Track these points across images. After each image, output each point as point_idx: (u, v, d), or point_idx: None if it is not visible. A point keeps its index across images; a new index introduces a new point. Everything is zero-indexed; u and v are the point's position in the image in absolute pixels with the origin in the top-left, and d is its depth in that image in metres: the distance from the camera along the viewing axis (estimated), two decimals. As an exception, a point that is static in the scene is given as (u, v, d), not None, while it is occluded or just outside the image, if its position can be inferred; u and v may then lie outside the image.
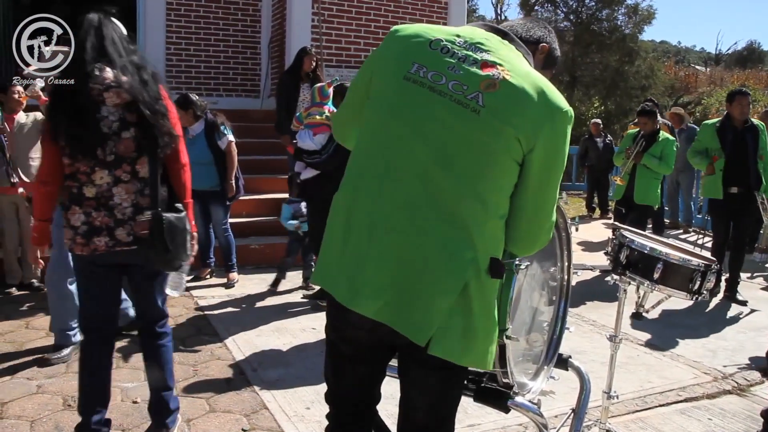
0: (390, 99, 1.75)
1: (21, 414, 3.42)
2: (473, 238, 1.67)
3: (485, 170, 1.67)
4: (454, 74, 1.69)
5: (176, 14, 9.78)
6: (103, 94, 2.74)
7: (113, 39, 2.88)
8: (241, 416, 3.44)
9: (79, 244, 2.81)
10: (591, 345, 4.67)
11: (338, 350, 1.93)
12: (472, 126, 1.65)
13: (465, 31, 1.80)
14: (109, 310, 3.00)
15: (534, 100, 1.66)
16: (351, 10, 9.71)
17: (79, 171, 2.78)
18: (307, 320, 5.08)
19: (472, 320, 1.69)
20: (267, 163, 8.27)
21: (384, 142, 1.75)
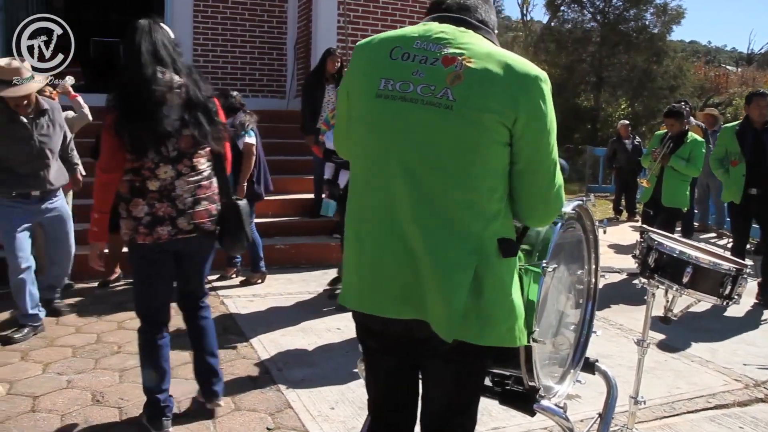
0: (367, 118, 1.79)
1: (52, 408, 3.48)
2: (473, 227, 1.71)
3: (473, 160, 1.69)
4: (419, 78, 1.71)
5: (203, 15, 9.88)
6: (166, 95, 2.99)
7: (164, 43, 3.12)
8: (266, 415, 3.46)
9: (142, 234, 3.05)
10: (617, 349, 4.62)
11: (366, 346, 2.01)
12: (449, 122, 1.67)
13: (421, 29, 1.80)
14: (165, 293, 3.22)
15: (501, 77, 1.67)
16: (377, 11, 9.72)
17: (143, 166, 3.02)
18: (332, 320, 5.09)
19: (484, 301, 1.72)
20: (292, 163, 8.31)
21: (371, 159, 1.80)
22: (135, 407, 3.48)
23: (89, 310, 5.24)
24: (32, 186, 4.57)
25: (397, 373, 2.00)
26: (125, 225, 3.09)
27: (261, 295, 5.83)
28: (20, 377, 3.86)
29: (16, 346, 4.37)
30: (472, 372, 1.89)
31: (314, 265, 6.88)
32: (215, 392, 3.39)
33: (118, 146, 2.99)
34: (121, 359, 4.17)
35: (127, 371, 3.97)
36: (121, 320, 4.97)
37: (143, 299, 3.23)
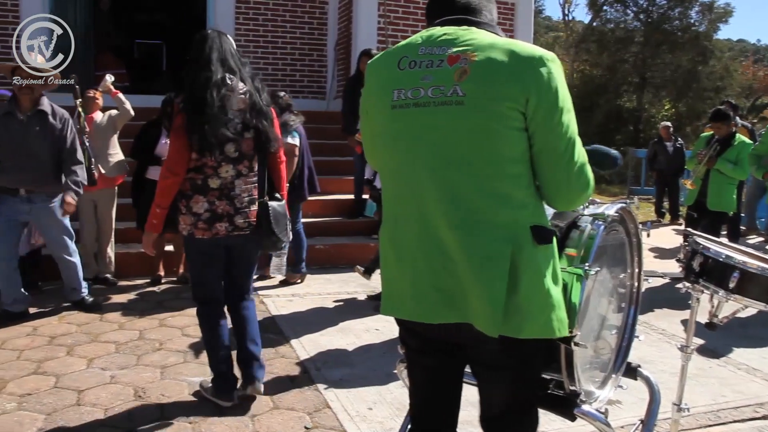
0: (387, 130, 1.84)
1: (96, 402, 3.55)
2: (505, 217, 1.72)
3: (493, 149, 1.70)
4: (428, 82, 1.74)
5: (245, 17, 10.00)
6: (232, 100, 3.24)
7: (231, 52, 3.36)
8: (304, 414, 3.48)
9: (201, 229, 3.29)
10: (660, 354, 4.54)
11: (410, 347, 2.02)
12: (463, 117, 1.69)
13: (425, 36, 1.83)
14: (219, 281, 3.52)
15: (506, 64, 1.68)
16: (417, 12, 9.71)
17: (206, 165, 3.25)
18: (371, 321, 5.10)
19: (521, 292, 1.71)
20: (332, 164, 8.35)
21: (397, 168, 1.84)
22: (176, 404, 3.53)
23: (132, 308, 5.34)
24: (18, 182, 4.68)
25: (441, 376, 2.00)
26: (184, 220, 3.31)
27: (300, 295, 5.87)
28: (66, 371, 3.95)
29: (62, 340, 4.47)
30: (526, 377, 1.88)
31: (354, 265, 6.88)
32: (256, 377, 3.57)
33: (186, 147, 3.20)
34: (162, 356, 4.24)
35: (168, 368, 4.04)
36: (163, 318, 5.05)
37: (200, 285, 3.51)
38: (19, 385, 3.73)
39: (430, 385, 2.02)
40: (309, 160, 6.21)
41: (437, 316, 1.78)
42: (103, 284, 5.93)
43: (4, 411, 3.42)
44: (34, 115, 4.68)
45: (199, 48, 3.29)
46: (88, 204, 5.84)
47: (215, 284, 3.51)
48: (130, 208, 6.16)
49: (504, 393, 1.88)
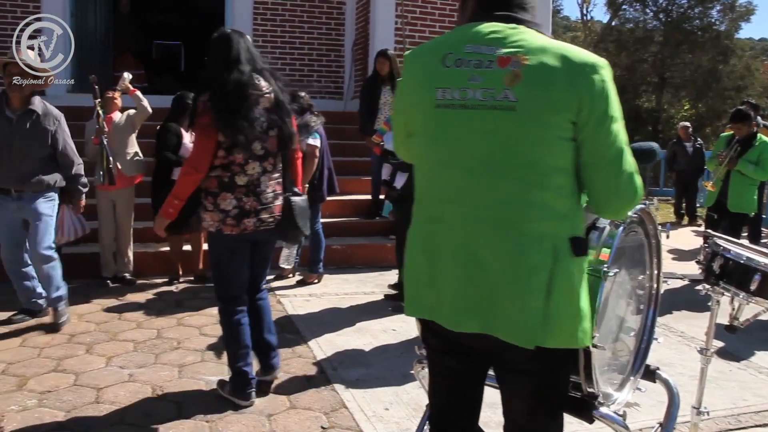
0: (429, 130, 1.78)
1: (114, 400, 3.58)
2: (546, 228, 1.68)
3: (541, 159, 1.66)
4: (477, 83, 1.68)
5: (262, 18, 10.03)
6: (259, 99, 3.34)
7: (254, 52, 3.44)
8: (321, 414, 3.49)
9: (230, 225, 3.37)
10: (679, 357, 4.50)
11: (432, 347, 1.99)
12: (514, 123, 1.64)
13: (470, 32, 1.75)
14: (244, 277, 3.57)
15: (559, 70, 1.63)
16: (434, 12, 9.70)
17: (233, 163, 3.33)
18: (388, 321, 5.10)
19: (553, 302, 1.67)
20: (349, 164, 8.35)
21: (437, 170, 1.78)
22: (193, 402, 3.55)
23: (150, 307, 5.38)
24: (6, 181, 4.57)
25: (463, 378, 1.97)
26: (211, 217, 3.38)
27: (317, 295, 5.88)
28: (85, 369, 3.99)
29: (81, 338, 4.52)
30: (553, 384, 1.84)
31: (371, 265, 6.92)
32: (273, 365, 3.70)
33: (213, 145, 3.28)
34: (180, 355, 4.26)
35: (186, 367, 4.06)
36: (181, 317, 5.08)
37: (223, 282, 3.54)
38: (39, 383, 3.77)
39: (452, 387, 1.99)
40: (329, 161, 6.21)
41: (464, 324, 1.75)
42: (121, 283, 5.98)
43: (25, 407, 3.45)
44: (25, 114, 4.55)
45: (224, 48, 3.35)
46: (106, 203, 5.90)
47: (239, 280, 3.55)
48: (148, 207, 6.20)
49: (529, 399, 1.84)
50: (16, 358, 4.14)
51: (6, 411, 3.40)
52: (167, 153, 5.86)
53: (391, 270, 6.22)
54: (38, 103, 4.61)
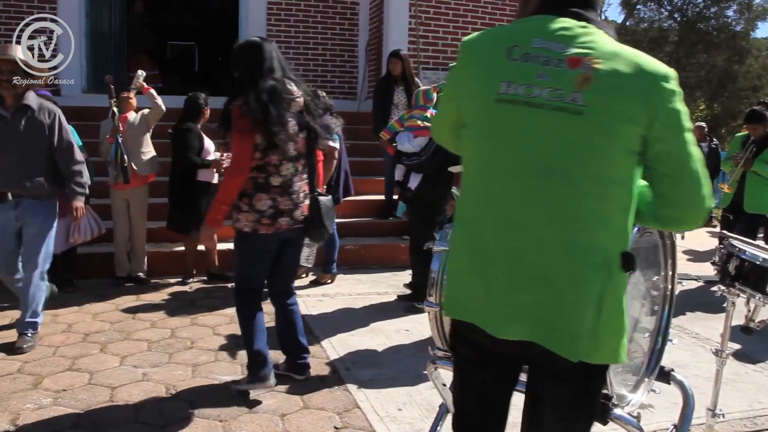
0: (486, 124, 1.69)
1: (128, 399, 3.60)
2: (600, 240, 1.62)
3: (603, 169, 1.60)
4: (545, 81, 1.60)
5: (276, 19, 10.06)
6: (291, 103, 3.50)
7: (281, 58, 3.61)
8: (334, 414, 3.49)
9: (265, 225, 3.52)
10: (694, 359, 4.47)
11: (463, 356, 1.91)
12: (578, 129, 1.58)
13: (538, 25, 1.67)
14: (266, 272, 3.75)
15: (632, 79, 1.57)
16: (448, 12, 9.69)
17: (269, 164, 3.48)
18: (401, 322, 5.10)
19: (601, 317, 1.62)
20: (363, 164, 8.36)
21: (491, 167, 1.70)
22: (207, 402, 3.56)
23: (164, 306, 5.40)
24: (4, 185, 4.22)
25: (493, 389, 1.89)
26: (245, 217, 3.51)
27: (331, 295, 5.89)
28: (100, 368, 4.01)
29: (96, 338, 4.54)
30: (590, 391, 1.77)
31: (384, 266, 6.92)
32: (307, 365, 3.90)
33: (252, 148, 3.41)
34: (193, 354, 4.28)
35: (199, 366, 4.08)
36: (194, 317, 5.10)
37: (248, 278, 3.70)
38: (54, 381, 3.80)
39: (482, 399, 1.91)
40: (345, 164, 6.22)
41: (509, 331, 1.68)
42: (135, 283, 6.01)
43: (41, 406, 3.48)
44: (19, 110, 4.20)
45: (257, 56, 3.49)
46: (121, 202, 5.94)
47: (263, 276, 3.75)
48: (162, 207, 6.24)
49: (566, 407, 1.75)
50: (31, 357, 4.18)
51: (22, 409, 3.43)
52: (191, 155, 5.84)
53: (404, 270, 6.21)
54: (33, 99, 4.29)
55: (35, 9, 9.14)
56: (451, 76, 1.84)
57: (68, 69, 9.12)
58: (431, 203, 5.30)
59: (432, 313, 2.53)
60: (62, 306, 5.23)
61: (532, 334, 1.65)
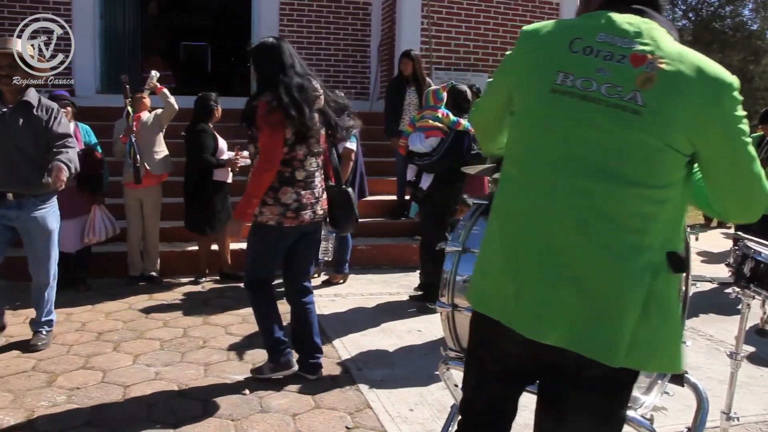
0: (540, 116, 1.65)
1: (141, 397, 3.62)
2: (647, 241, 1.57)
3: (656, 170, 1.55)
4: (604, 76, 1.56)
5: (289, 19, 10.08)
6: (315, 100, 3.61)
7: (298, 56, 3.72)
8: (345, 414, 3.49)
9: (290, 218, 3.62)
10: (707, 361, 4.44)
11: (482, 364, 1.86)
12: (634, 128, 1.53)
13: (603, 20, 1.63)
14: (277, 267, 3.87)
15: (696, 84, 1.52)
16: (460, 12, 9.68)
17: (295, 158, 3.59)
18: (413, 322, 5.09)
19: (652, 322, 1.57)
20: (375, 165, 8.34)
21: (537, 159, 1.66)
22: (219, 401, 3.58)
23: (176, 306, 5.43)
24: (4, 184, 4.04)
25: (505, 390, 1.86)
26: (270, 210, 3.59)
27: (342, 295, 5.89)
28: (113, 367, 4.03)
29: (109, 336, 4.57)
30: (620, 401, 1.70)
31: (396, 266, 6.92)
32: (319, 365, 3.95)
33: (282, 142, 3.52)
34: (205, 354, 4.29)
35: (212, 366, 4.09)
36: (207, 316, 5.11)
37: (262, 271, 3.80)
38: (68, 379, 3.83)
39: (494, 398, 1.87)
40: (361, 165, 6.21)
41: (539, 332, 1.63)
42: (148, 282, 6.04)
43: (55, 403, 3.50)
44: (18, 106, 4.07)
45: (277, 54, 3.59)
46: (134, 202, 5.97)
47: (275, 269, 3.86)
48: (175, 207, 6.27)
49: (594, 417, 1.68)
50: (45, 355, 4.21)
51: (36, 406, 3.46)
52: (207, 155, 5.87)
53: (416, 271, 6.19)
54: (33, 95, 4.16)
55: (50, 11, 9.20)
56: (506, 63, 1.79)
57: (82, 70, 9.24)
58: (442, 203, 5.30)
59: (444, 313, 2.53)
60: (76, 305, 5.26)
61: (564, 339, 1.60)
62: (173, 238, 6.61)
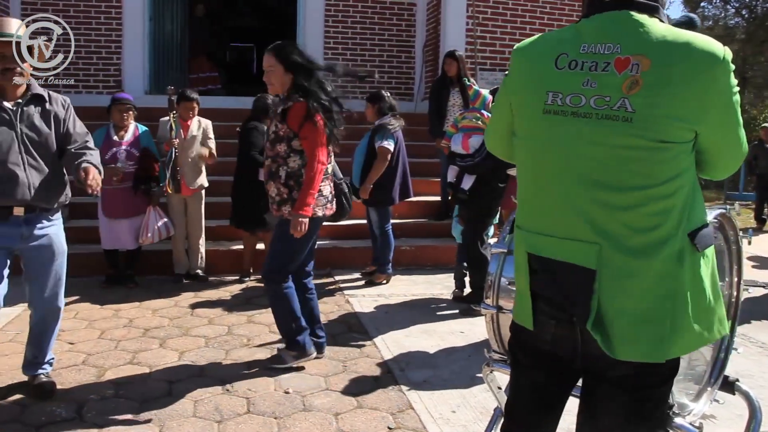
0: (536, 137, 1.68)
1: (186, 393, 3.67)
2: (665, 233, 1.56)
3: (657, 170, 1.54)
4: (591, 89, 1.55)
5: (334, 20, 10.14)
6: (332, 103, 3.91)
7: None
8: (388, 414, 3.49)
9: (329, 208, 4.00)
10: (759, 369, 4.32)
11: (519, 356, 1.90)
12: (628, 135, 1.52)
13: (587, 28, 1.62)
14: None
15: (683, 70, 1.49)
16: (506, 12, 9.61)
17: (327, 154, 3.90)
18: (455, 324, 5.07)
19: (687, 307, 1.58)
20: (419, 165, 8.33)
21: (544, 179, 1.68)
22: (262, 399, 3.61)
23: (221, 304, 5.50)
24: (8, 194, 3.26)
25: (546, 391, 1.86)
26: (319, 201, 3.90)
27: (386, 295, 5.90)
28: (159, 362, 4.11)
29: (155, 333, 4.66)
30: (652, 399, 1.69)
31: (439, 267, 6.89)
32: (324, 344, 4.24)
33: (326, 140, 3.83)
34: (249, 352, 4.34)
35: (255, 363, 4.13)
36: (251, 314, 5.17)
37: (293, 261, 3.98)
38: (116, 374, 3.92)
39: (535, 399, 1.88)
40: (405, 165, 6.20)
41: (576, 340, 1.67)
42: (193, 280, 6.14)
43: (104, 396, 3.59)
44: (29, 102, 3.38)
45: (304, 56, 3.85)
46: (178, 202, 6.06)
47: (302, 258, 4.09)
48: (221, 205, 6.35)
49: (624, 415, 1.69)
50: (95, 349, 4.31)
51: (86, 399, 3.54)
52: (254, 153, 5.90)
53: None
54: (40, 88, 3.48)
55: (102, 14, 9.44)
56: (504, 83, 1.82)
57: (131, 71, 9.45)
58: (484, 205, 5.26)
59: (489, 315, 2.51)
60: (124, 301, 5.38)
61: (603, 344, 1.61)
62: (219, 237, 6.71)
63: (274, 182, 3.86)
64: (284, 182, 3.82)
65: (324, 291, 5.92)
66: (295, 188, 3.80)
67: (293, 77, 3.78)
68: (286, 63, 3.77)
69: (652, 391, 1.68)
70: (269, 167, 3.88)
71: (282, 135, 3.79)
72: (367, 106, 6.13)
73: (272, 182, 3.87)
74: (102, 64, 9.59)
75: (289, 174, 3.82)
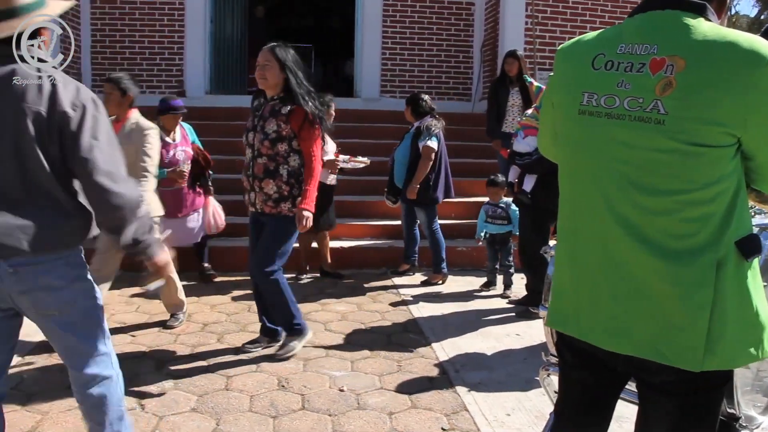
0: (572, 137, 1.68)
1: (242, 388, 3.73)
2: (703, 241, 1.51)
3: (695, 177, 1.49)
4: (625, 90, 1.53)
5: (392, 20, 10.15)
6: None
7: None
8: (442, 415, 3.47)
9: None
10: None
11: (566, 359, 1.89)
12: (661, 138, 1.48)
13: (627, 28, 1.60)
14: None
15: (722, 72, 1.43)
16: (566, 11, 9.45)
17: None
18: (512, 326, 5.01)
19: (728, 318, 1.52)
20: (476, 166, 8.29)
21: (581, 180, 1.68)
22: (317, 396, 3.64)
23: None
24: None
25: (596, 393, 1.85)
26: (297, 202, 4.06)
27: (441, 295, 5.87)
28: (216, 357, 4.18)
29: (213, 328, 4.74)
30: (703, 405, 1.65)
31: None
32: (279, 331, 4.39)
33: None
34: (305, 349, 4.36)
35: (310, 361, 4.16)
36: (307, 312, 5.19)
37: (286, 255, 4.16)
38: (175, 366, 4.00)
39: (584, 402, 1.87)
40: (446, 165, 6.19)
41: (612, 343, 1.64)
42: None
43: (163, 389, 3.67)
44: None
45: (300, 62, 4.09)
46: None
47: None
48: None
49: (672, 422, 1.65)
50: (155, 343, 4.41)
51: (146, 390, 3.63)
52: None
53: (517, 273, 6.09)
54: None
55: (165, 16, 9.68)
56: (549, 83, 1.83)
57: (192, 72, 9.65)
58: (544, 206, 5.18)
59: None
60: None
61: (640, 349, 1.60)
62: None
63: (273, 180, 3.98)
64: (286, 180, 3.98)
65: (380, 290, 5.93)
66: (295, 186, 4.00)
67: (285, 78, 3.97)
68: (281, 63, 3.95)
69: (697, 399, 1.63)
70: (266, 165, 3.98)
71: (285, 135, 3.95)
72: (406, 108, 6.28)
73: (271, 180, 3.98)
74: (165, 65, 9.83)
75: (290, 172, 4.00)
